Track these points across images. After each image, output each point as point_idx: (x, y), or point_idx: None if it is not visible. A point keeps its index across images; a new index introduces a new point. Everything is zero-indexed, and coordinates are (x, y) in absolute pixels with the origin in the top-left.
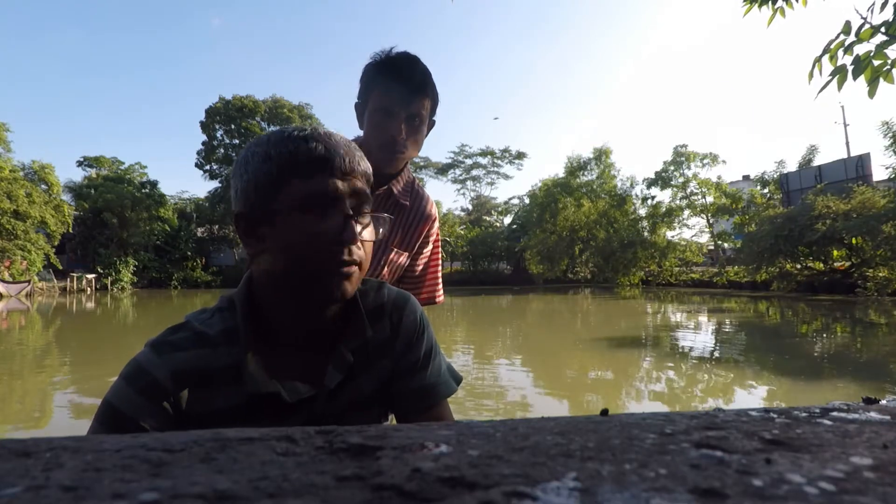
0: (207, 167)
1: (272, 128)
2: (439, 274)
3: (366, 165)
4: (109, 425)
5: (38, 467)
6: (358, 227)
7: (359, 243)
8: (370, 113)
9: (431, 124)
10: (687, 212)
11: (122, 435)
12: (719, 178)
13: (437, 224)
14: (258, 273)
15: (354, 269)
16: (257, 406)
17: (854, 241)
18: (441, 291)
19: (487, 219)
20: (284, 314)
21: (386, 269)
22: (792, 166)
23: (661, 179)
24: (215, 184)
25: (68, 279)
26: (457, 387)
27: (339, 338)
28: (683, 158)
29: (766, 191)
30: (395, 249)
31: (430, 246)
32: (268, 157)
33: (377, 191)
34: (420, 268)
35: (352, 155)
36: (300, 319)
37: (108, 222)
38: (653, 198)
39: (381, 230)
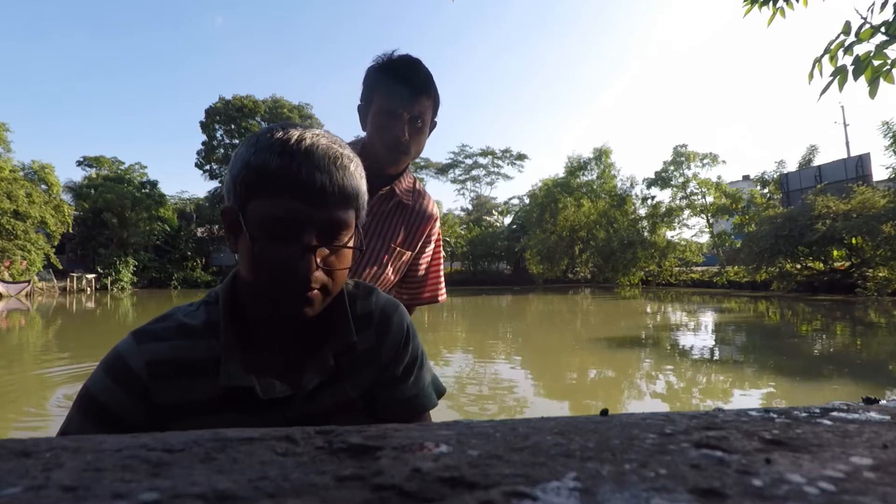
0: (207, 167)
1: None
2: (441, 273)
3: (351, 182)
4: (87, 411)
5: (38, 467)
6: (322, 256)
7: (321, 271)
8: (373, 115)
9: (433, 125)
10: (687, 212)
11: (122, 435)
12: (719, 178)
13: (438, 223)
14: (241, 269)
15: (315, 294)
16: (232, 401)
17: (854, 241)
18: (443, 290)
19: (487, 219)
20: (260, 314)
21: (390, 266)
22: (792, 166)
23: (661, 179)
24: (215, 184)
25: (68, 279)
26: (437, 401)
27: (323, 340)
28: (683, 158)
29: (765, 191)
30: (398, 249)
31: (433, 245)
32: (246, 164)
33: (380, 191)
34: (423, 268)
35: (332, 173)
36: (274, 323)
37: (108, 222)
38: (653, 198)
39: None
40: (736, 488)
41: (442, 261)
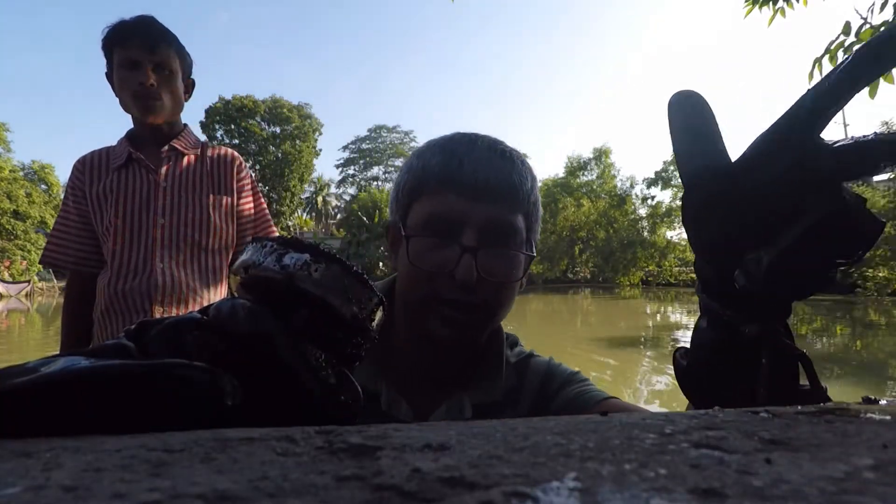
0: None
1: (272, 128)
2: (268, 216)
3: (520, 179)
4: None
5: (38, 467)
6: (483, 262)
7: (484, 282)
8: (116, 71)
9: (191, 84)
10: None
11: (122, 435)
12: None
13: (245, 166)
14: (398, 282)
15: (465, 315)
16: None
17: None
18: (274, 230)
19: None
20: (409, 335)
21: (214, 214)
22: None
23: (661, 179)
24: None
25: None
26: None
27: (466, 383)
28: None
29: None
30: (213, 195)
31: (250, 188)
32: (409, 169)
33: (161, 151)
34: (250, 209)
35: (498, 167)
36: (420, 349)
37: None
38: (653, 198)
39: (520, 269)
40: (736, 488)
41: (265, 204)
